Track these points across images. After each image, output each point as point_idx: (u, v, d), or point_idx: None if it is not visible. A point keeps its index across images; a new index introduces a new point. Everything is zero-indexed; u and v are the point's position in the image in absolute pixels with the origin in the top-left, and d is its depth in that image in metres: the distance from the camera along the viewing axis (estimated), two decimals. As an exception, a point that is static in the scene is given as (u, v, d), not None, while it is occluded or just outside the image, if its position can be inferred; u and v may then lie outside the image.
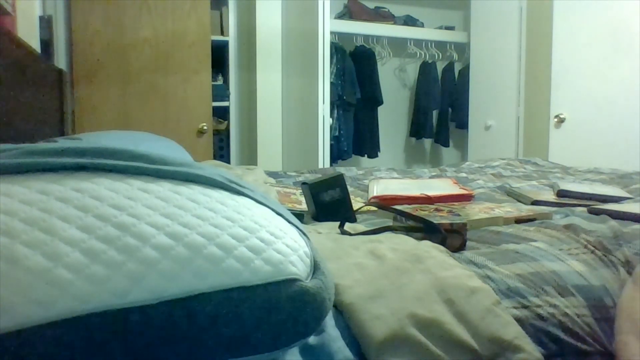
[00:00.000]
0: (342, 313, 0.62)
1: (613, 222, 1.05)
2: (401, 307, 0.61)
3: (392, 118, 4.05)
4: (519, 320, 0.66)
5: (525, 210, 1.19)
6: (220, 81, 3.24)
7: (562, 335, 0.68)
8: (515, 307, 0.69)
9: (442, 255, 0.77)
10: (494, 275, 0.75)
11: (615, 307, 0.75)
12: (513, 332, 0.62)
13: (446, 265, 0.73)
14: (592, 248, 0.88)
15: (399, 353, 0.56)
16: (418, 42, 3.81)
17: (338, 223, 1.02)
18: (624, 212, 1.14)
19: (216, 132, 3.19)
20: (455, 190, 1.48)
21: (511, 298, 0.70)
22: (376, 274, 0.68)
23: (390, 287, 0.65)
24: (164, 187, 0.52)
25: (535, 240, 0.92)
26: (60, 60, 2.66)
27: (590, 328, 0.71)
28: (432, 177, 2.05)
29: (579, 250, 0.87)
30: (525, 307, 0.70)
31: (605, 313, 0.74)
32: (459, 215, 1.06)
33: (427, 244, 0.83)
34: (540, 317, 0.69)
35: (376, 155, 3.75)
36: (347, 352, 0.56)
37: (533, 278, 0.75)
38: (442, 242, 0.85)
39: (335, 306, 0.62)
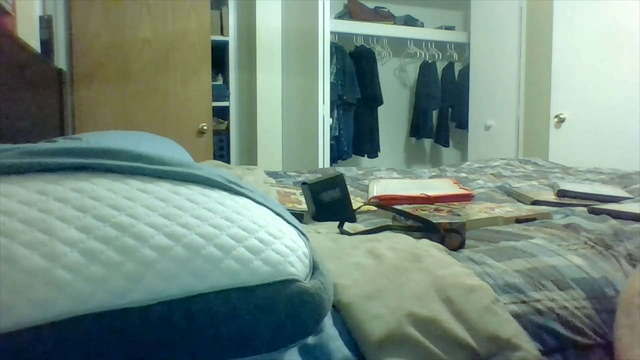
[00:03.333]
0: (341, 313, 0.62)
1: (613, 222, 1.05)
2: (399, 306, 0.61)
3: (392, 118, 4.05)
4: (517, 315, 0.66)
5: (525, 210, 1.19)
6: (220, 81, 3.24)
7: (561, 329, 0.68)
8: (513, 303, 0.69)
9: (440, 253, 0.77)
10: (492, 271, 0.75)
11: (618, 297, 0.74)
12: (511, 330, 0.62)
13: (445, 264, 0.73)
14: (592, 244, 0.88)
15: (398, 352, 0.56)
16: (418, 42, 3.81)
17: (338, 223, 1.02)
18: (624, 212, 1.14)
19: (216, 132, 3.20)
20: (455, 190, 1.48)
21: (509, 294, 0.71)
22: (375, 273, 0.68)
23: (389, 286, 0.65)
24: (163, 188, 0.52)
25: (533, 237, 0.92)
26: (60, 60, 2.66)
27: (591, 320, 0.71)
28: (432, 177, 2.05)
29: (577, 246, 0.88)
30: (523, 302, 0.70)
31: (606, 304, 0.73)
32: (458, 215, 1.06)
33: (425, 243, 0.83)
34: (539, 311, 0.69)
35: (376, 155, 3.75)
36: (345, 351, 0.56)
37: (531, 273, 0.75)
38: (441, 242, 0.85)
39: (333, 306, 0.62)
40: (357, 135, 3.64)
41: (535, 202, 1.36)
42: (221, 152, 3.30)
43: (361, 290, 0.64)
